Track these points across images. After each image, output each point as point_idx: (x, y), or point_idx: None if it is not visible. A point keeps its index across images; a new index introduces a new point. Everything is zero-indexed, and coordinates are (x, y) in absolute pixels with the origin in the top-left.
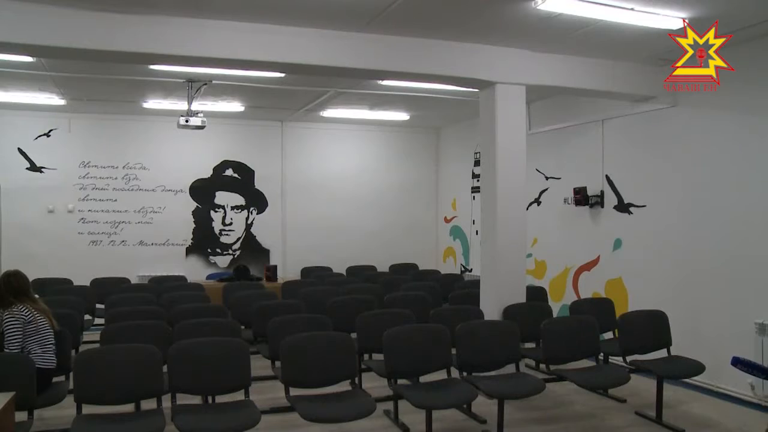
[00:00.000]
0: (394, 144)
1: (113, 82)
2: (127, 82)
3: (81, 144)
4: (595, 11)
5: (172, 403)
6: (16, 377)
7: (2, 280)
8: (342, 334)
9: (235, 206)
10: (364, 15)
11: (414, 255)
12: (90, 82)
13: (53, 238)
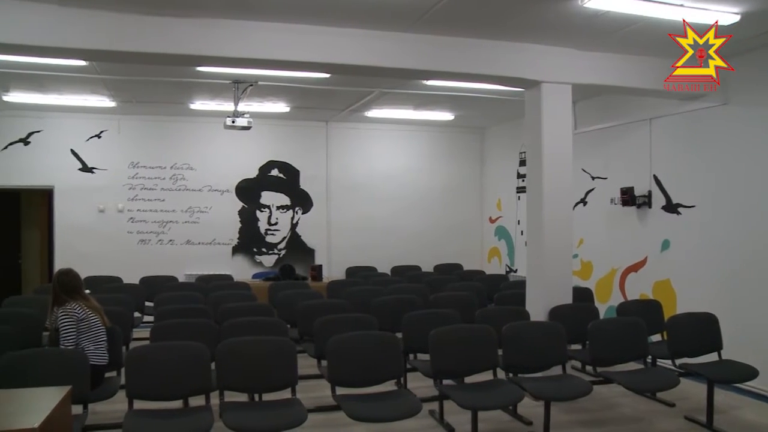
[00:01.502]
0: (439, 144)
1: (161, 84)
2: (175, 83)
3: (130, 145)
4: (643, 8)
5: (220, 400)
6: (71, 372)
7: (56, 279)
8: (388, 334)
9: (281, 206)
10: (410, 15)
11: (458, 255)
12: (139, 84)
13: (103, 237)
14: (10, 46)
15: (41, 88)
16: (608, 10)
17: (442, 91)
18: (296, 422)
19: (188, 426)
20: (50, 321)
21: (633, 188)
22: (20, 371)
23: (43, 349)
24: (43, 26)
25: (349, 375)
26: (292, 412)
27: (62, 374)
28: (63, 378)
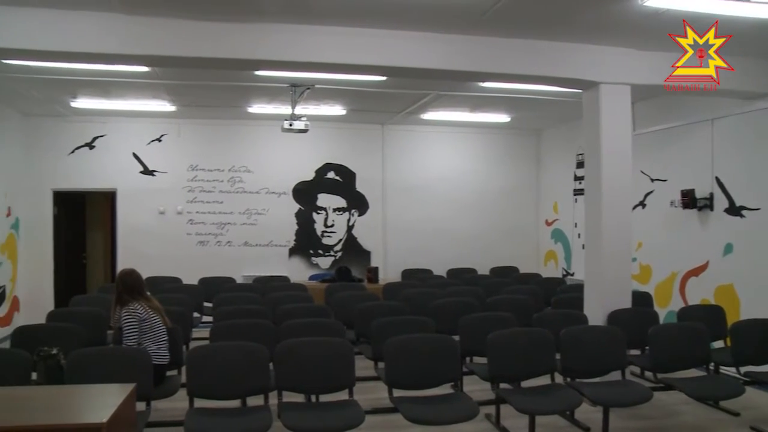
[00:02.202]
0: (495, 146)
1: (220, 88)
2: (234, 87)
3: (189, 148)
4: (705, 5)
5: (279, 401)
6: (135, 370)
7: (119, 279)
8: (445, 337)
9: (337, 208)
10: (468, 16)
11: (514, 258)
12: (199, 88)
13: (164, 238)
14: (79, 55)
15: (106, 93)
16: (668, 8)
17: (498, 93)
18: (354, 424)
19: (248, 425)
20: (114, 320)
21: (694, 190)
22: (87, 368)
23: (108, 347)
24: (109, 34)
25: (406, 377)
26: (350, 414)
27: (126, 372)
28: (127, 375)
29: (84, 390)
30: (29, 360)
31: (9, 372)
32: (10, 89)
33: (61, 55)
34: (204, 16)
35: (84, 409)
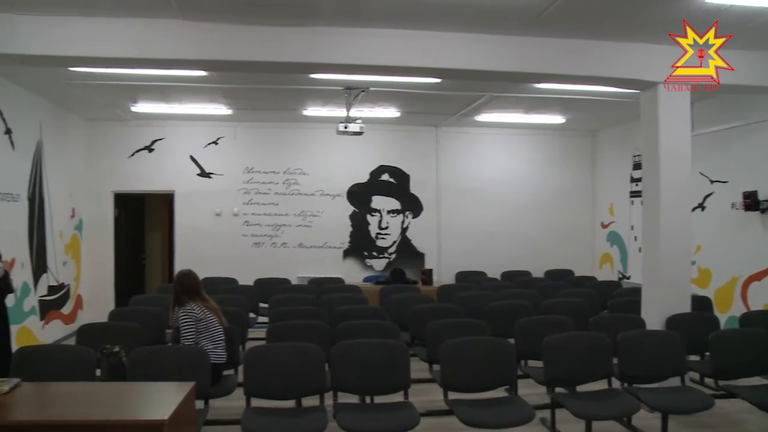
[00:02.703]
0: (549, 148)
1: (276, 91)
2: (289, 91)
3: (245, 151)
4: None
5: (334, 401)
6: (193, 369)
7: (177, 280)
8: (501, 340)
9: (391, 210)
10: (523, 17)
11: (569, 261)
12: (254, 92)
13: (220, 239)
14: (140, 60)
15: (165, 98)
16: (732, 3)
17: (553, 94)
18: (409, 425)
19: (304, 425)
20: (172, 320)
21: (756, 192)
22: (147, 366)
23: (168, 346)
24: (169, 40)
25: (461, 380)
26: (405, 415)
27: (185, 370)
28: (185, 374)
29: (145, 387)
30: (93, 357)
31: (75, 368)
32: (75, 95)
33: (124, 61)
34: (260, 20)
35: (146, 405)
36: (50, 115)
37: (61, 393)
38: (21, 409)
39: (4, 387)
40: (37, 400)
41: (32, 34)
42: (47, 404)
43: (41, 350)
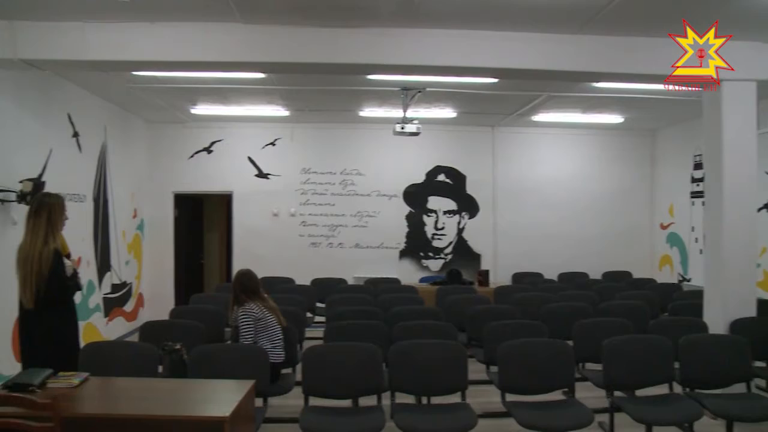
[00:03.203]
0: (607, 148)
1: (332, 92)
2: (346, 92)
3: (302, 152)
4: None
5: (391, 401)
6: (253, 367)
7: (236, 280)
8: (560, 342)
9: (447, 211)
10: (582, 16)
11: (628, 262)
12: (312, 93)
13: (277, 239)
14: (201, 63)
15: (224, 100)
16: None
17: (612, 93)
18: (466, 427)
19: (362, 425)
20: (231, 319)
21: None
22: (208, 363)
23: (228, 344)
24: (229, 43)
25: (519, 382)
26: (462, 417)
27: (244, 368)
28: (245, 372)
29: (207, 384)
30: (156, 354)
31: (138, 364)
32: (137, 98)
33: (185, 65)
34: (318, 22)
35: (208, 402)
36: (114, 118)
37: (125, 388)
38: (89, 403)
39: (74, 381)
40: (103, 394)
41: (100, 41)
42: (113, 398)
43: (107, 346)
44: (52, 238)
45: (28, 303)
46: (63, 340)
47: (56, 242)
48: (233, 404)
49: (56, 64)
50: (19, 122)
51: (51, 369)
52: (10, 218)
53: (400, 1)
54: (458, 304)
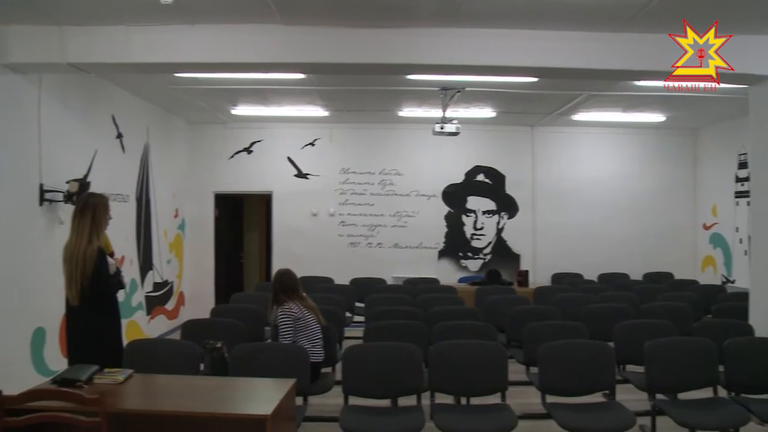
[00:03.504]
0: (648, 147)
1: (372, 92)
2: (385, 92)
3: (341, 152)
4: None
5: (431, 401)
6: (293, 366)
7: (275, 279)
8: (601, 343)
9: (487, 211)
10: (621, 14)
11: (669, 263)
12: (351, 93)
13: (316, 239)
14: (242, 65)
15: (264, 101)
16: None
17: (653, 92)
18: (506, 428)
19: (401, 425)
20: (270, 318)
21: None
22: (248, 362)
23: (269, 343)
24: (269, 44)
25: (560, 383)
26: (502, 418)
27: (285, 367)
28: (285, 371)
29: (248, 383)
30: (197, 352)
31: (180, 361)
32: (178, 100)
33: (227, 66)
34: (358, 23)
35: (249, 400)
36: (156, 119)
37: (168, 385)
38: (134, 399)
39: (119, 377)
40: (147, 391)
41: (143, 44)
42: (156, 395)
43: (150, 344)
44: (96, 237)
45: (74, 300)
46: (106, 337)
47: (100, 241)
48: (275, 402)
49: (101, 67)
50: (65, 124)
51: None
52: (57, 218)
53: (441, 1)
54: (497, 304)
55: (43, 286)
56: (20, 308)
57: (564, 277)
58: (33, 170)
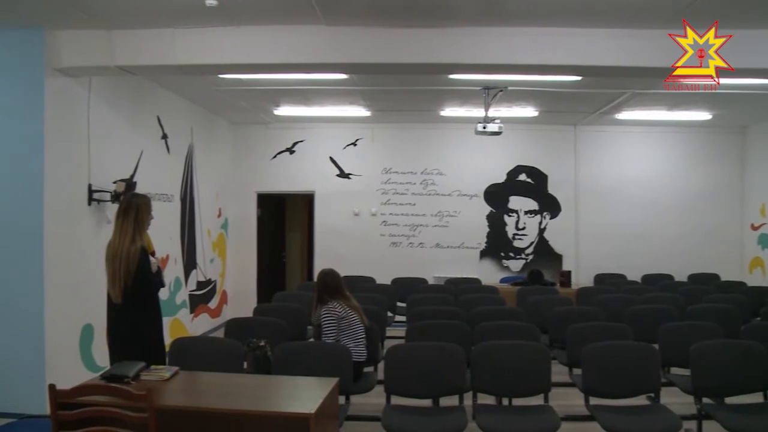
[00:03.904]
0: (694, 145)
1: (414, 92)
2: (427, 92)
3: (383, 152)
4: None
5: (473, 402)
6: (336, 365)
7: (319, 279)
8: (646, 345)
9: (529, 211)
10: (668, 11)
11: (715, 264)
12: (393, 93)
13: (358, 239)
14: (285, 65)
15: (306, 101)
16: None
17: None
18: (550, 429)
19: (444, 425)
20: (314, 317)
21: None
22: (292, 361)
23: (312, 342)
24: (312, 45)
25: (603, 385)
26: (546, 419)
27: (328, 366)
28: (328, 370)
29: (291, 381)
30: (241, 350)
31: (224, 359)
32: (222, 101)
33: (270, 67)
34: (400, 23)
35: (292, 399)
36: (200, 120)
37: (212, 382)
38: (179, 396)
39: (165, 374)
40: (192, 388)
41: (188, 46)
42: (201, 392)
43: (194, 341)
44: (138, 237)
45: (117, 298)
46: (147, 335)
47: (143, 240)
48: (318, 401)
49: (148, 69)
50: (113, 125)
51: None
52: (105, 217)
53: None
54: (540, 305)
55: (91, 284)
56: (70, 305)
57: (607, 277)
58: (82, 171)
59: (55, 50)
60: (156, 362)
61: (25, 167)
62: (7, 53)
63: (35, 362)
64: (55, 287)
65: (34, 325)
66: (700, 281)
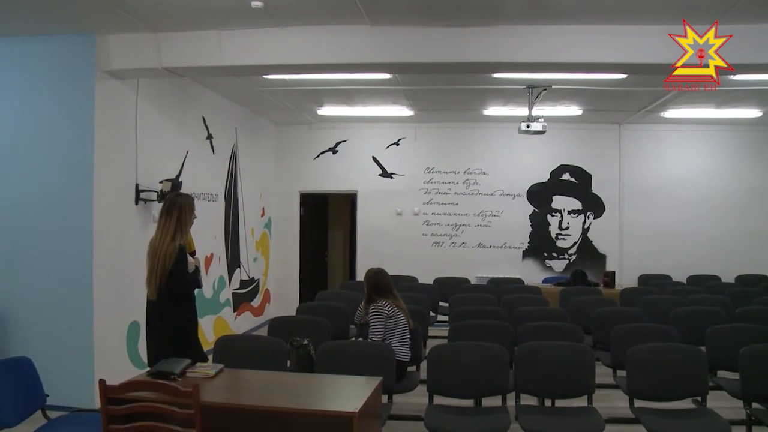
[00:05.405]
0: (743, 144)
1: (457, 91)
2: (470, 91)
3: (425, 151)
4: None
5: (516, 402)
6: (379, 364)
7: (368, 278)
8: (692, 347)
9: (572, 210)
10: (717, 6)
11: (764, 265)
12: (436, 93)
13: (400, 238)
14: (329, 66)
15: (349, 101)
16: None
17: (750, 86)
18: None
19: (486, 425)
20: (361, 316)
21: None
22: (335, 359)
23: (355, 341)
24: (356, 45)
25: (648, 388)
26: (589, 421)
27: (371, 366)
28: (371, 369)
29: (334, 380)
30: (285, 348)
31: (268, 358)
32: (266, 101)
33: (315, 67)
34: (444, 22)
35: (336, 397)
36: (244, 120)
37: (256, 380)
38: (224, 393)
39: (210, 372)
40: (236, 385)
41: (234, 47)
42: (245, 390)
43: (238, 339)
44: (180, 236)
45: (152, 294)
46: (179, 333)
47: (183, 239)
48: (362, 400)
49: (195, 70)
50: (159, 126)
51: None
52: (152, 216)
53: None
54: (583, 305)
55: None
56: (117, 303)
57: (651, 278)
58: (130, 171)
59: (105, 53)
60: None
61: (77, 168)
62: (61, 57)
63: (85, 358)
64: (103, 285)
65: (84, 322)
66: (748, 283)
